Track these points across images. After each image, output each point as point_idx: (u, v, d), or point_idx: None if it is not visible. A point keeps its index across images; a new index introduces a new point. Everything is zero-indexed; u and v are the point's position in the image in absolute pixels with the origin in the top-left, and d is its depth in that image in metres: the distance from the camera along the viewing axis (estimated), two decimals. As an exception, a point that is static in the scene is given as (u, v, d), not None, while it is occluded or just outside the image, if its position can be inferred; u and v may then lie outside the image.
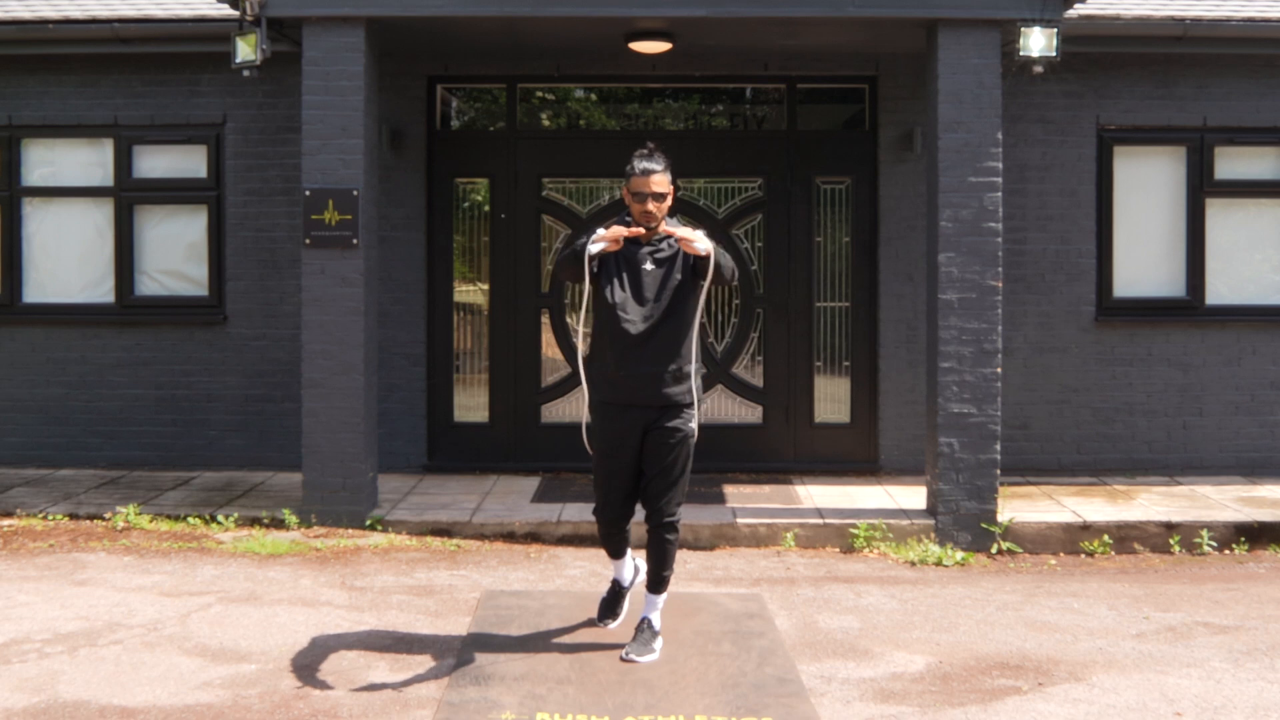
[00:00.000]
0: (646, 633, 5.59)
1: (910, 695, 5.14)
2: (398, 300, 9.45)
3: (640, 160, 5.42)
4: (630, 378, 5.47)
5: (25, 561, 7.13)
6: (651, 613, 5.66)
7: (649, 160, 5.42)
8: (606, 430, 5.56)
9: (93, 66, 9.50)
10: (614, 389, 5.52)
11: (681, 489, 5.59)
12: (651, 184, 5.37)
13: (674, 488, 5.54)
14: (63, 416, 9.60)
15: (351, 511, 7.92)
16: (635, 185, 5.41)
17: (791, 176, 9.53)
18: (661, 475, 5.51)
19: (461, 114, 9.92)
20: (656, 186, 5.38)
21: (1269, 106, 9.45)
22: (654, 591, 5.67)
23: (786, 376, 9.58)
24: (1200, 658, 5.65)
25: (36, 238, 9.72)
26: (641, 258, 5.47)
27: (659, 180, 5.38)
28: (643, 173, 5.39)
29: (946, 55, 7.81)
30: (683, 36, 8.66)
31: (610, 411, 5.55)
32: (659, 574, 5.61)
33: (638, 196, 5.41)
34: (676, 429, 5.51)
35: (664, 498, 5.52)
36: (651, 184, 5.37)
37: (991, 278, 7.83)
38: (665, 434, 5.49)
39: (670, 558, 5.59)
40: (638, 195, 5.40)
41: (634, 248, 5.47)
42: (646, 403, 5.48)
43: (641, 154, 5.47)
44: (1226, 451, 9.49)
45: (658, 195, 5.39)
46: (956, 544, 7.74)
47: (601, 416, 5.58)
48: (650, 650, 5.53)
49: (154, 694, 5.05)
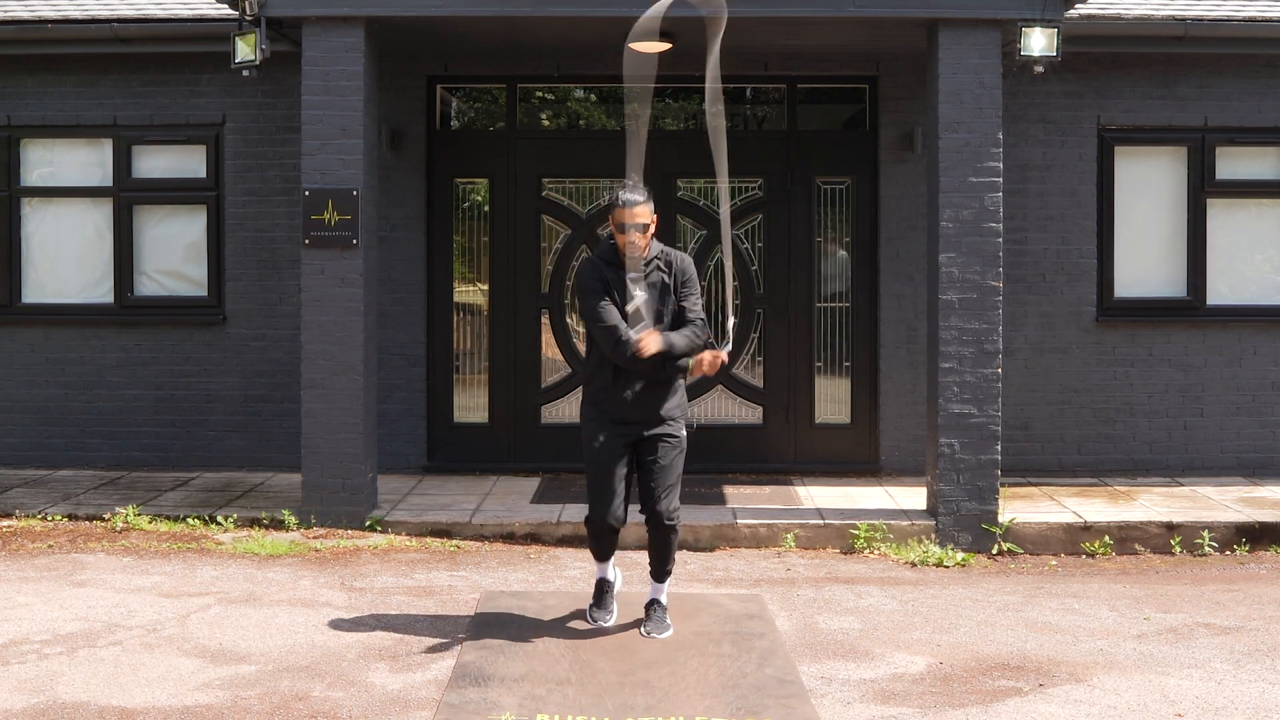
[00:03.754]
0: (659, 611, 5.94)
1: (911, 696, 5.13)
2: (397, 300, 9.43)
3: (625, 192, 5.70)
4: (626, 397, 5.74)
5: (24, 562, 7.12)
6: (659, 595, 6.00)
7: (632, 192, 5.69)
8: (600, 439, 5.79)
9: (92, 66, 9.49)
10: (611, 406, 5.78)
11: (678, 489, 5.87)
12: (636, 215, 5.65)
13: (672, 489, 5.82)
14: (62, 417, 9.59)
15: (351, 512, 7.91)
16: (619, 217, 5.69)
17: (792, 176, 9.52)
18: (659, 478, 5.76)
19: (461, 114, 9.91)
20: (639, 218, 5.66)
21: (1270, 106, 9.44)
22: (659, 580, 5.99)
23: (787, 377, 9.57)
24: (1201, 659, 5.64)
25: (36, 238, 9.71)
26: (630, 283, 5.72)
27: (641, 211, 5.67)
28: (625, 204, 5.67)
29: (947, 55, 7.80)
30: (683, 36, 8.65)
31: (605, 423, 5.79)
32: (663, 567, 5.98)
33: (621, 228, 5.68)
34: (670, 434, 5.83)
35: (664, 500, 5.77)
36: (636, 215, 5.65)
37: (992, 278, 7.82)
38: (658, 440, 5.80)
39: (673, 552, 5.94)
40: (620, 227, 5.68)
41: (623, 274, 5.74)
42: (642, 420, 5.77)
43: (625, 185, 5.74)
44: (1227, 452, 9.48)
45: (641, 226, 5.67)
46: (957, 545, 7.73)
47: (597, 426, 5.81)
48: (667, 627, 5.88)
49: (153, 695, 5.04)
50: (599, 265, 5.78)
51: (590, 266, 5.81)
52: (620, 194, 5.70)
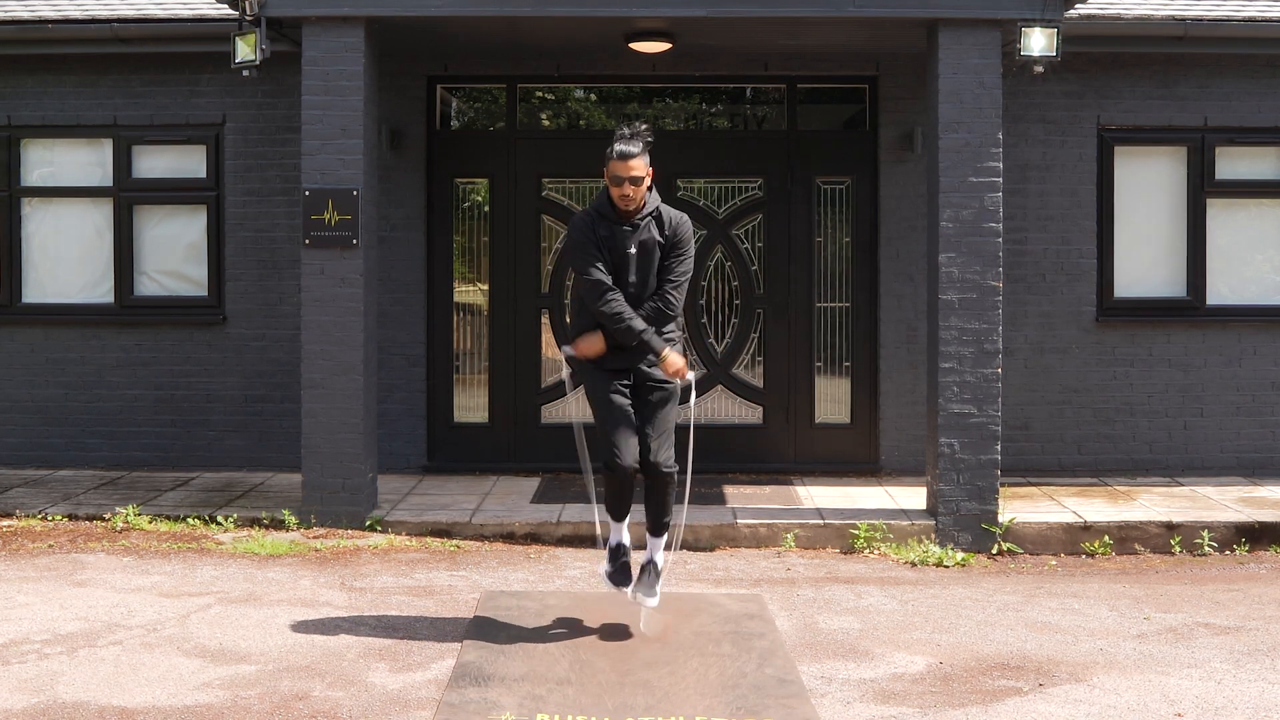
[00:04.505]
0: (652, 574, 5.82)
1: (911, 696, 5.13)
2: (397, 300, 9.44)
3: (619, 143, 5.51)
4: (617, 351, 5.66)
5: (24, 562, 7.12)
6: (655, 554, 5.87)
7: (628, 143, 5.50)
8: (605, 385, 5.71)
9: (92, 66, 9.49)
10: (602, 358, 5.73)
11: (672, 438, 5.78)
12: (630, 168, 5.48)
13: (667, 437, 5.73)
14: (62, 417, 9.59)
15: (351, 512, 7.91)
16: (614, 169, 5.51)
17: (792, 176, 9.52)
18: (655, 425, 5.70)
19: (461, 114, 9.92)
20: (635, 171, 5.49)
21: (1270, 106, 9.44)
22: (656, 535, 5.89)
23: (787, 377, 9.57)
24: (1201, 658, 5.64)
25: (36, 238, 9.72)
26: (625, 239, 5.60)
27: (636, 164, 5.49)
28: (619, 156, 5.48)
29: (947, 55, 7.80)
30: (683, 36, 8.65)
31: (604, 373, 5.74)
32: (660, 520, 5.84)
33: (615, 180, 5.51)
34: (665, 382, 5.72)
35: (661, 450, 5.69)
36: (630, 168, 5.48)
37: (992, 278, 7.82)
38: (654, 388, 5.71)
39: (670, 504, 5.81)
40: (615, 179, 5.51)
41: (617, 228, 5.60)
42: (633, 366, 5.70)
43: (622, 135, 5.54)
44: (1227, 452, 9.48)
45: (635, 179, 5.50)
46: (957, 545, 7.73)
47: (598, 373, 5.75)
48: (655, 594, 5.78)
49: (153, 695, 5.04)
50: (593, 218, 5.62)
51: (584, 219, 5.65)
52: (615, 145, 5.50)
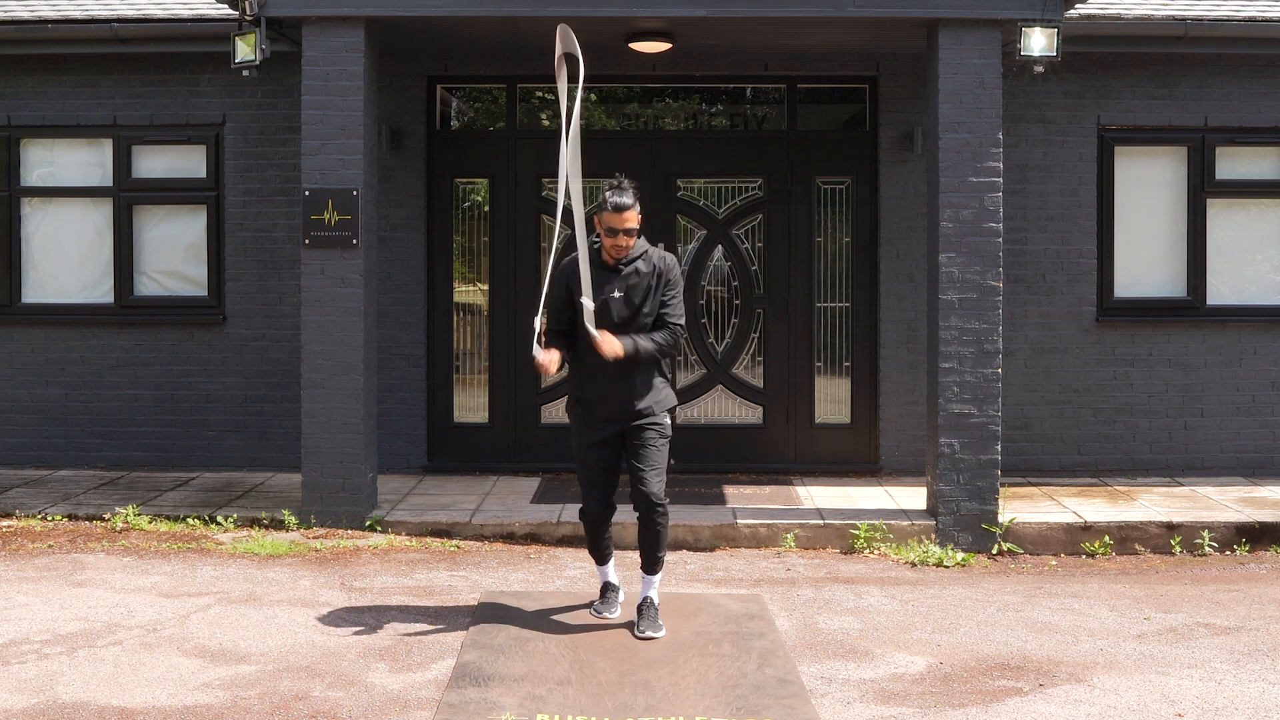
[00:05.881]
0: (651, 610, 5.91)
1: (911, 696, 5.13)
2: (398, 300, 9.44)
3: (614, 195, 5.71)
4: (603, 395, 5.82)
5: (24, 562, 7.12)
6: (650, 591, 5.98)
7: (622, 195, 5.70)
8: (585, 432, 5.89)
9: (92, 67, 9.49)
10: (591, 404, 5.86)
11: (664, 474, 5.89)
12: (624, 220, 5.71)
13: (658, 471, 5.84)
14: (62, 417, 9.59)
15: (351, 512, 7.91)
16: (608, 221, 5.73)
17: (792, 176, 9.52)
18: (644, 459, 5.83)
19: (461, 114, 9.91)
20: (629, 222, 5.73)
21: (1270, 106, 9.44)
22: (650, 573, 6.00)
23: (787, 377, 9.57)
24: (1201, 659, 5.64)
25: (36, 238, 9.71)
26: (609, 283, 5.78)
27: (630, 216, 5.72)
28: (615, 209, 5.70)
29: (947, 55, 7.80)
30: (683, 36, 8.65)
31: (589, 421, 5.88)
32: (653, 555, 5.96)
33: (610, 231, 5.73)
34: (653, 424, 5.86)
35: (651, 483, 5.79)
36: (624, 220, 5.71)
37: (992, 278, 7.82)
38: (642, 431, 5.84)
39: (663, 540, 5.93)
40: (610, 230, 5.73)
41: (602, 273, 5.79)
42: (620, 417, 5.84)
43: (613, 187, 5.74)
44: (1227, 452, 9.48)
45: (630, 230, 5.74)
46: (957, 545, 7.73)
47: (581, 423, 5.92)
48: (659, 627, 5.86)
49: (153, 695, 5.04)
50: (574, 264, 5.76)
51: (571, 265, 5.81)
52: (609, 197, 5.70)
